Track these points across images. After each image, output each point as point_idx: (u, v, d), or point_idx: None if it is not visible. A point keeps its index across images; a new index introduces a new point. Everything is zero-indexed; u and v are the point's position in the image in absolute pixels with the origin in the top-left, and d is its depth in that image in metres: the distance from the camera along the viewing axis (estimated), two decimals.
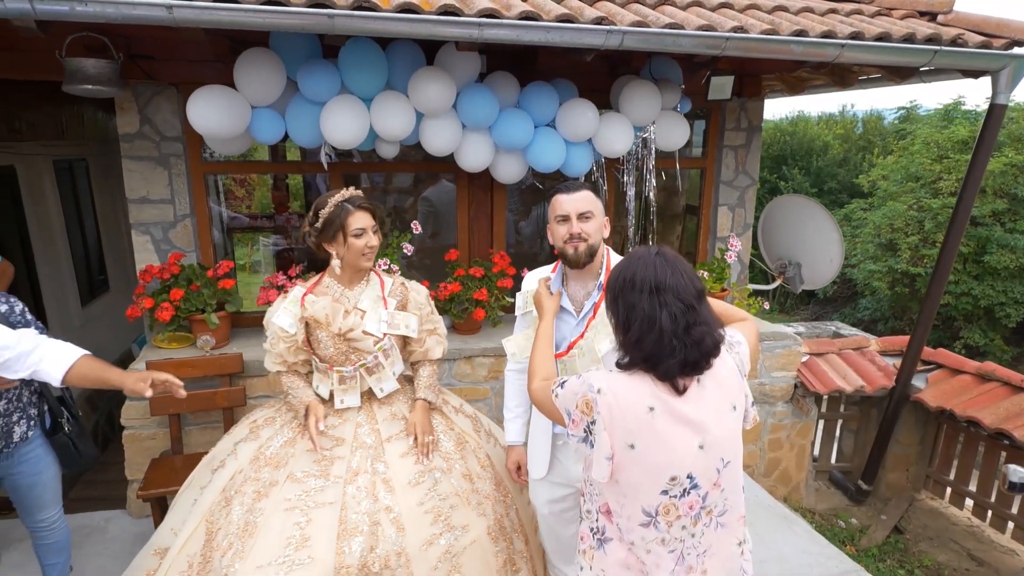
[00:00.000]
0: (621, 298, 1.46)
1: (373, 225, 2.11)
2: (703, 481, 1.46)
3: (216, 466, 2.19)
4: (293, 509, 1.94)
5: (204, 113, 2.85)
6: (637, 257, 1.49)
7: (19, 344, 1.93)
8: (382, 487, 2.02)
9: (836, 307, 14.01)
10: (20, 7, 2.10)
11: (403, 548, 1.93)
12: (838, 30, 3.00)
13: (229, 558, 1.87)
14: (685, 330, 1.39)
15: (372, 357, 2.16)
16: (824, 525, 4.21)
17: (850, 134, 16.82)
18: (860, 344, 4.51)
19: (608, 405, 1.43)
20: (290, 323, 2.13)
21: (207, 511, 2.05)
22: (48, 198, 5.19)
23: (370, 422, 2.18)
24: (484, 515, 2.13)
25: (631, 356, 1.45)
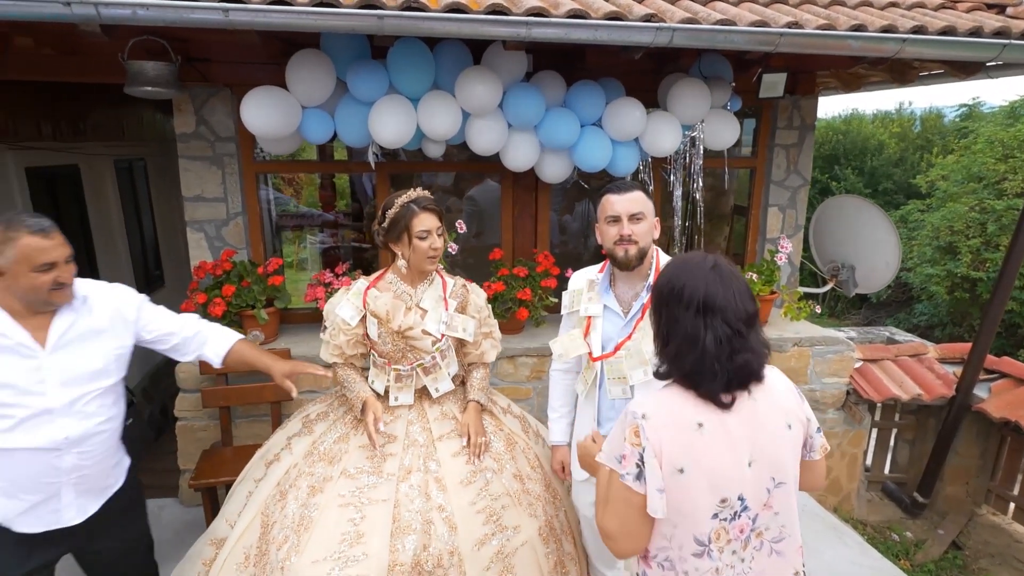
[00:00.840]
0: (665, 309, 1.38)
1: (439, 227, 2.11)
2: (753, 502, 1.38)
3: (270, 460, 2.23)
4: (347, 505, 1.96)
5: (257, 113, 2.92)
6: (690, 266, 1.38)
7: (183, 329, 2.06)
8: (434, 486, 2.03)
9: (890, 312, 13.50)
10: (86, 12, 2.18)
11: (456, 547, 1.94)
12: (899, 24, 2.88)
13: (285, 551, 1.89)
14: (729, 356, 1.32)
15: (430, 357, 2.17)
16: (876, 538, 4.06)
17: (907, 132, 16.17)
18: (918, 351, 4.33)
19: (655, 428, 1.34)
20: (351, 315, 2.15)
21: (262, 504, 2.08)
22: (109, 196, 5.42)
23: (421, 420, 2.19)
24: (535, 516, 2.13)
25: (669, 369, 1.39)
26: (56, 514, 1.85)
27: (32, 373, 1.74)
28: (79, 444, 1.82)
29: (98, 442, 1.87)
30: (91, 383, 1.84)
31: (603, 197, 2.03)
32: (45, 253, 1.69)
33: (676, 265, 1.42)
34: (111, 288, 1.97)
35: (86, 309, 1.86)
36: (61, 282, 1.74)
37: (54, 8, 2.14)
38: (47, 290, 1.72)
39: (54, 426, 1.76)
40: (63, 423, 1.78)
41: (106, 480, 1.96)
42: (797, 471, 1.44)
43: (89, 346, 1.85)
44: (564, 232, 5.35)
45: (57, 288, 1.74)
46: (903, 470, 4.45)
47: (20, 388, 1.72)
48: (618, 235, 1.97)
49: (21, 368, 1.72)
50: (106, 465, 1.94)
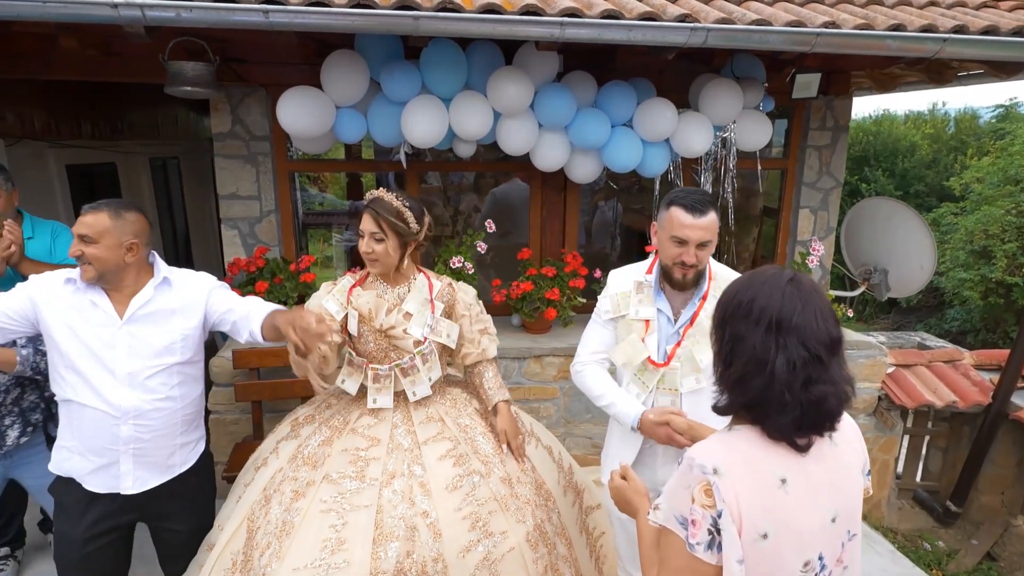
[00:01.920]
0: (730, 324, 1.19)
1: (375, 231, 2.03)
2: (830, 560, 1.22)
3: (259, 464, 2.20)
4: (329, 511, 1.93)
5: (293, 113, 2.96)
6: (762, 279, 1.19)
7: (240, 308, 2.07)
8: (419, 491, 1.99)
9: (920, 317, 13.22)
10: (132, 14, 2.24)
11: (440, 554, 1.90)
12: (939, 23, 2.83)
13: (267, 558, 1.87)
14: (804, 385, 1.11)
15: (409, 358, 2.12)
16: (907, 546, 3.99)
17: (941, 134, 15.81)
18: (952, 357, 4.24)
19: (731, 486, 1.12)
20: (336, 310, 2.12)
21: (248, 509, 2.06)
22: (144, 193, 5.56)
23: (406, 423, 2.15)
24: (523, 521, 2.07)
25: (729, 398, 1.20)
26: (116, 480, 1.96)
27: (107, 339, 1.89)
28: (136, 416, 1.92)
29: (156, 418, 1.95)
30: (155, 358, 1.94)
31: (672, 209, 1.87)
32: (76, 226, 1.87)
33: (746, 279, 1.24)
34: (193, 273, 2.11)
35: (165, 288, 1.99)
36: (74, 253, 1.87)
37: (102, 10, 2.20)
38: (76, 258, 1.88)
39: (116, 393, 1.89)
40: (124, 392, 1.90)
41: (169, 458, 2.03)
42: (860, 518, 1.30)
43: (160, 323, 1.96)
44: (592, 232, 5.34)
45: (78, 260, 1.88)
46: (935, 478, 4.36)
47: (94, 351, 1.88)
48: (681, 259, 1.88)
49: (100, 333, 1.89)
50: (167, 443, 2.01)
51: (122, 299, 1.93)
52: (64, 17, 2.23)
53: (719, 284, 2.00)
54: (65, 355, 1.88)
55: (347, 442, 2.09)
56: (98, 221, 1.86)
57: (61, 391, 1.93)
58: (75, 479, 1.96)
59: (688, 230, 1.85)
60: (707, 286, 2.00)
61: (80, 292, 1.91)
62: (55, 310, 1.89)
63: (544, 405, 3.66)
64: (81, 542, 1.98)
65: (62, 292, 1.91)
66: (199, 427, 2.18)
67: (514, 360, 3.56)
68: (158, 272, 1.99)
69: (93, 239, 1.85)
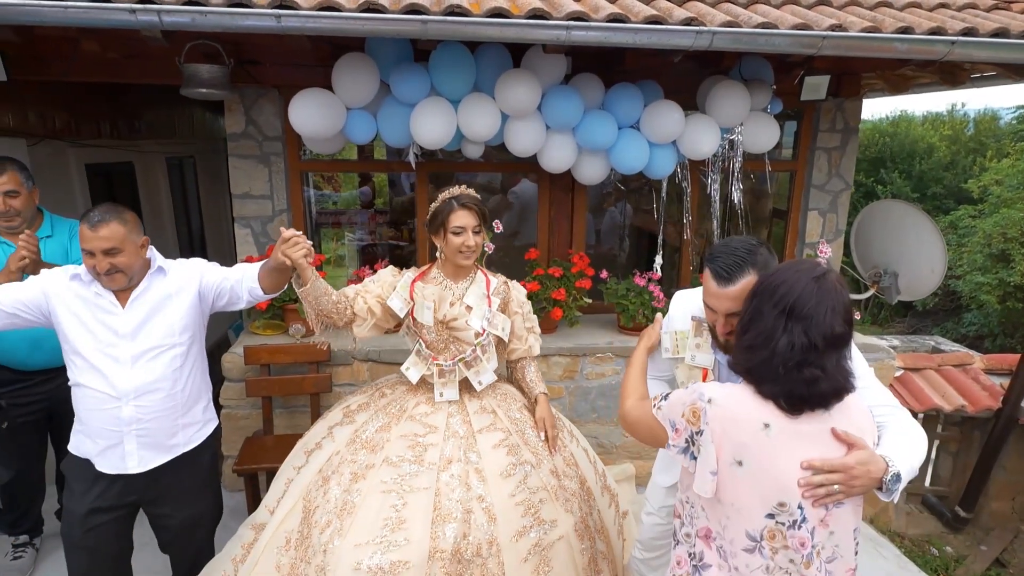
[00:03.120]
0: (756, 300, 1.39)
1: (475, 225, 2.16)
2: (810, 514, 1.36)
3: (312, 448, 2.29)
4: (390, 492, 2.01)
5: (304, 114, 3.02)
6: (795, 269, 1.37)
7: (233, 274, 2.20)
8: (475, 476, 2.06)
9: (936, 321, 13.06)
10: (149, 19, 2.30)
11: (494, 537, 1.97)
12: (948, 26, 2.82)
13: (328, 535, 1.94)
14: (797, 365, 1.30)
15: (471, 351, 2.23)
16: (915, 551, 3.97)
17: (959, 135, 15.60)
18: (963, 360, 4.21)
19: (719, 417, 1.36)
20: (400, 306, 2.21)
21: (304, 490, 2.14)
22: (160, 192, 5.65)
23: (461, 413, 2.24)
24: (571, 512, 2.16)
25: (736, 358, 1.41)
26: (122, 460, 2.07)
27: (110, 326, 2.02)
28: (136, 397, 2.03)
29: (155, 399, 2.05)
30: (155, 341, 2.06)
31: (705, 268, 1.69)
32: (86, 241, 1.93)
33: (787, 265, 1.42)
34: (186, 260, 2.24)
35: (160, 276, 2.12)
36: (99, 270, 1.95)
37: (121, 16, 2.26)
38: (94, 272, 1.97)
39: (118, 376, 2.01)
40: (126, 374, 2.01)
41: (171, 439, 2.13)
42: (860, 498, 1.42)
43: (159, 308, 2.08)
44: (601, 233, 5.36)
45: (103, 274, 1.96)
46: (945, 483, 4.33)
47: (98, 337, 2.01)
48: (714, 325, 1.75)
49: (104, 320, 2.02)
50: (168, 423, 2.10)
51: (123, 291, 2.05)
52: (85, 22, 2.29)
53: None
54: (72, 341, 2.01)
55: (405, 428, 2.18)
56: (115, 232, 1.94)
57: (72, 375, 2.06)
58: (90, 459, 2.08)
59: (713, 299, 1.67)
60: None
61: (84, 285, 2.03)
62: (63, 301, 2.02)
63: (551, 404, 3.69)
64: (83, 518, 2.09)
65: (69, 285, 2.04)
66: (207, 410, 2.26)
67: None
68: (154, 262, 2.12)
69: (120, 249, 1.95)
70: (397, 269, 2.34)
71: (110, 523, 2.13)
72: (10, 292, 2.00)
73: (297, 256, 1.97)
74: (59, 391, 2.22)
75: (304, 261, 2.00)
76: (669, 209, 3.91)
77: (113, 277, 1.98)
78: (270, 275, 2.14)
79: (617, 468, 3.38)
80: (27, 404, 2.67)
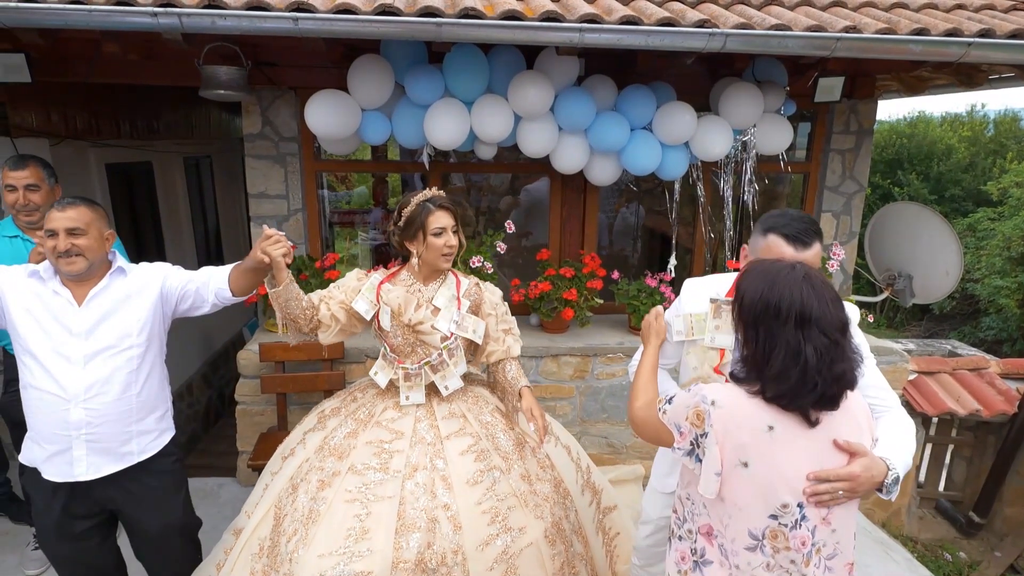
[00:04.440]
0: (762, 326, 1.35)
1: (453, 225, 2.13)
2: (811, 512, 1.38)
3: (287, 454, 2.28)
4: (354, 501, 1.98)
5: (320, 115, 3.06)
6: (781, 278, 1.35)
7: (197, 277, 2.17)
8: (440, 484, 2.04)
9: (954, 325, 12.92)
10: (170, 22, 2.36)
11: (460, 546, 1.94)
12: (964, 27, 2.81)
13: (294, 544, 1.94)
14: (828, 367, 1.31)
15: (437, 354, 2.18)
16: (927, 556, 3.94)
17: (979, 136, 15.41)
18: (978, 364, 4.17)
19: (723, 418, 1.37)
20: (366, 308, 2.18)
21: (276, 497, 2.13)
22: (178, 191, 5.73)
23: (429, 418, 2.20)
24: (541, 517, 2.12)
25: (769, 390, 1.35)
26: (69, 466, 1.99)
27: (65, 325, 1.97)
28: (86, 400, 1.96)
29: (104, 403, 1.99)
30: (109, 343, 2.00)
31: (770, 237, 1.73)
32: (51, 221, 1.92)
33: (765, 277, 1.38)
34: (149, 264, 2.19)
35: (120, 276, 2.07)
36: (59, 250, 1.92)
37: (143, 19, 2.32)
38: (55, 256, 1.93)
39: (68, 376, 1.95)
40: (76, 375, 1.96)
41: (124, 445, 2.05)
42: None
43: (116, 308, 2.03)
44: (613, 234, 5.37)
45: (62, 256, 1.93)
46: (959, 488, 4.30)
47: (51, 335, 1.96)
48: None
49: (58, 318, 1.97)
50: (120, 429, 2.03)
51: (81, 289, 2.02)
52: (108, 25, 2.35)
53: None
54: (23, 339, 1.97)
55: (372, 434, 2.14)
56: (82, 214, 1.95)
57: (22, 376, 2.01)
58: (37, 468, 2.02)
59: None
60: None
61: (42, 283, 2.00)
62: (17, 296, 1.98)
63: (560, 404, 3.71)
64: (56, 535, 2.05)
65: (26, 282, 2.00)
66: (163, 419, 2.19)
67: (531, 359, 3.61)
68: (115, 263, 2.08)
69: (83, 231, 1.94)
70: (364, 271, 2.30)
71: (85, 532, 2.09)
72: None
73: (276, 254, 1.97)
74: None
75: (282, 260, 1.99)
76: (682, 210, 3.91)
77: (72, 260, 1.93)
78: (244, 275, 2.11)
79: (627, 468, 3.39)
80: None
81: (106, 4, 2.34)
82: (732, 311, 1.44)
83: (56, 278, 2.00)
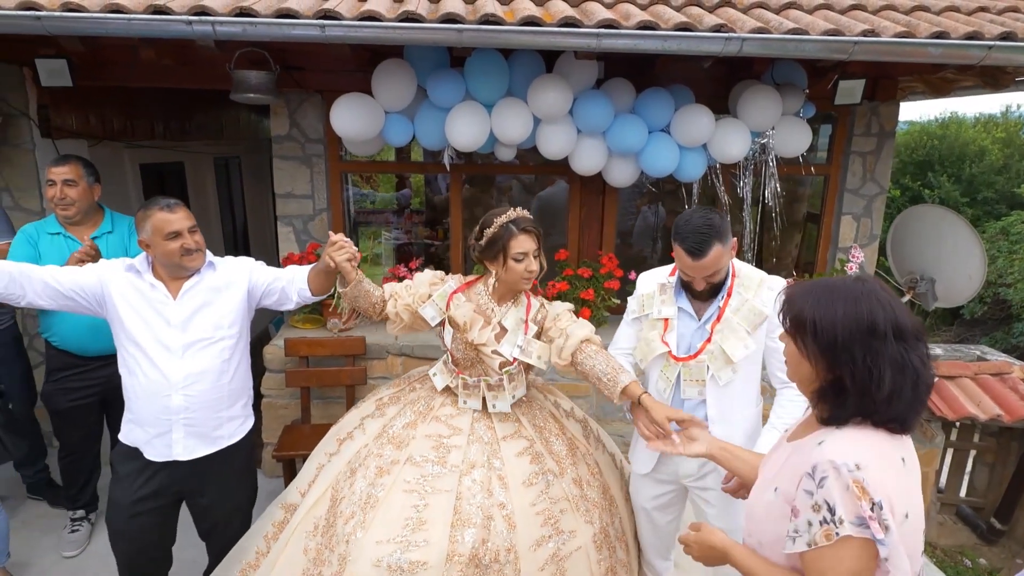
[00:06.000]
0: (858, 347, 1.17)
1: (535, 249, 2.10)
2: None
3: (343, 437, 2.33)
4: (412, 492, 2.02)
5: (345, 118, 3.16)
6: (861, 295, 1.20)
7: (285, 275, 2.32)
8: (497, 483, 2.06)
9: (985, 330, 12.61)
10: (204, 30, 2.47)
11: (513, 545, 1.97)
12: (986, 30, 2.80)
13: (352, 526, 1.98)
14: (928, 372, 1.19)
15: (498, 378, 2.18)
16: (946, 562, 3.91)
17: (1014, 138, 15.02)
18: (1001, 369, 4.11)
19: (877, 475, 1.14)
20: (433, 315, 2.21)
21: (333, 479, 2.18)
22: (208, 190, 5.91)
23: (486, 419, 2.23)
24: (591, 522, 2.15)
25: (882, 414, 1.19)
26: (169, 448, 2.16)
27: (163, 318, 2.12)
28: (185, 387, 2.11)
29: (201, 389, 2.14)
30: (204, 333, 2.15)
31: (675, 244, 1.96)
32: (170, 224, 2.07)
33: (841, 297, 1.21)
34: (235, 258, 2.35)
35: (211, 271, 2.22)
36: (188, 248, 2.09)
37: (179, 27, 2.44)
38: (179, 255, 2.09)
39: (169, 365, 2.10)
40: (176, 364, 2.11)
41: (216, 430, 2.21)
42: None
43: (209, 301, 2.18)
44: (633, 235, 5.40)
45: (186, 254, 2.10)
46: (981, 494, 4.24)
47: (152, 326, 2.11)
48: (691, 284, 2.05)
49: (158, 310, 2.12)
50: (213, 414, 2.19)
51: (176, 283, 2.17)
52: (147, 33, 2.48)
53: (742, 281, 2.08)
54: (128, 330, 2.11)
55: (431, 428, 2.18)
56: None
57: (124, 363, 2.16)
58: (139, 448, 2.18)
59: (690, 271, 1.99)
60: (730, 282, 2.08)
61: (139, 276, 2.14)
62: (119, 290, 2.12)
63: (577, 402, 3.72)
64: (129, 508, 2.18)
65: (125, 276, 2.15)
66: (247, 406, 2.34)
67: None
68: (206, 257, 2.22)
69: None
70: (440, 274, 2.30)
71: (154, 512, 2.21)
72: (70, 275, 2.11)
73: (340, 260, 2.09)
74: (114, 378, 2.37)
75: (347, 265, 2.10)
76: None
77: (193, 256, 2.11)
78: (318, 277, 2.24)
79: None
80: (83, 388, 2.85)
81: (144, 13, 2.46)
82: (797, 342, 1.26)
83: (151, 271, 2.15)
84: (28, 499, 3.40)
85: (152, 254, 2.14)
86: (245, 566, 2.23)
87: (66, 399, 2.85)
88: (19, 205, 3.61)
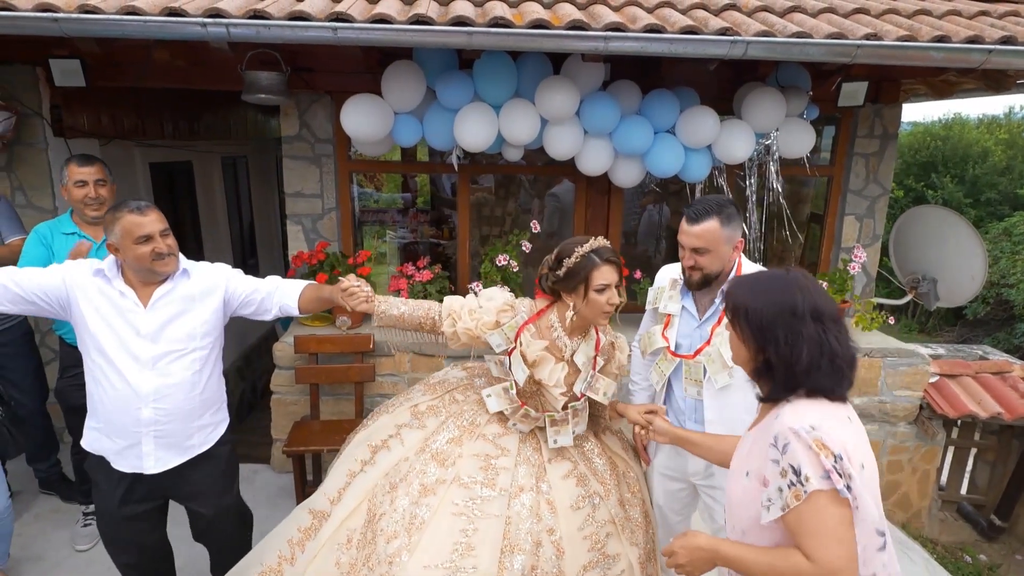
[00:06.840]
0: (780, 328, 1.33)
1: (617, 280, 1.98)
2: None
3: (377, 445, 2.20)
4: (460, 515, 1.94)
5: (355, 118, 3.21)
6: (785, 283, 1.38)
7: (265, 286, 2.26)
8: (546, 507, 2.01)
9: (988, 331, 12.62)
10: (218, 32, 2.52)
11: (561, 571, 1.92)
12: (987, 34, 2.84)
13: (395, 547, 1.89)
14: (847, 349, 1.34)
15: (564, 415, 2.10)
16: (947, 558, 3.95)
17: (1017, 139, 15.03)
18: (1001, 368, 4.16)
19: (832, 431, 1.27)
20: (498, 343, 2.09)
21: (370, 492, 2.08)
22: (216, 189, 5.96)
23: (532, 440, 2.15)
24: (636, 544, 2.11)
25: (809, 385, 1.34)
26: (139, 460, 2.08)
27: (133, 327, 2.02)
28: (156, 400, 2.03)
29: (174, 402, 2.06)
30: (176, 344, 2.06)
31: (683, 218, 2.06)
32: (141, 227, 1.96)
33: (772, 288, 1.39)
34: (210, 264, 2.25)
35: (185, 279, 2.12)
36: (160, 252, 1.99)
37: (194, 29, 2.49)
38: (150, 260, 1.99)
39: (139, 377, 2.01)
40: (147, 376, 2.02)
41: (188, 440, 2.13)
42: None
43: (182, 311, 2.09)
44: (638, 234, 5.45)
45: (158, 258, 2.00)
46: (982, 492, 4.28)
47: (121, 336, 2.01)
48: (683, 262, 2.10)
49: (127, 319, 2.02)
50: (185, 425, 2.11)
51: (146, 290, 2.05)
52: (162, 35, 2.52)
53: None
54: (95, 337, 2.00)
55: (477, 447, 2.08)
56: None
57: (90, 373, 2.06)
58: (105, 458, 2.09)
59: (683, 236, 2.05)
60: None
61: (107, 282, 2.03)
62: (86, 295, 2.01)
63: None
64: (116, 517, 2.14)
65: (93, 281, 2.02)
66: (220, 411, 2.27)
67: None
68: (179, 264, 2.10)
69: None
70: (510, 300, 2.16)
71: (143, 520, 2.18)
72: (33, 277, 1.99)
73: (355, 306, 2.12)
74: None
75: (366, 307, 2.11)
76: None
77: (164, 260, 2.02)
78: (316, 301, 2.21)
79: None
80: None
81: (159, 15, 2.51)
82: (735, 327, 1.42)
83: (120, 277, 2.04)
84: (41, 494, 3.45)
85: (122, 258, 2.01)
86: (266, 570, 2.14)
87: (79, 395, 2.89)
88: (32, 203, 3.66)
